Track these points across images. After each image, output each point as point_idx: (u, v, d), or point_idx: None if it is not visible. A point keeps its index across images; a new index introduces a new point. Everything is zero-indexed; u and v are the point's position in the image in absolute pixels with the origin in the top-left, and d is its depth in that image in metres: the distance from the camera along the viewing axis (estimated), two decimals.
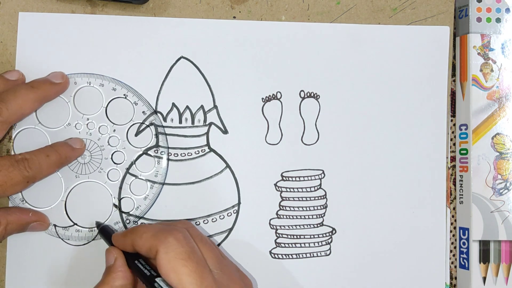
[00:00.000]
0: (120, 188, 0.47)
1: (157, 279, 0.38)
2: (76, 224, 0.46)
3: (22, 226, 0.44)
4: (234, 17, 0.49)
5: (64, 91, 0.46)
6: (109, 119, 0.47)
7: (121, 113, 0.47)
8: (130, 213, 0.47)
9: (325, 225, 0.49)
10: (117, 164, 0.47)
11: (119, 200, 0.47)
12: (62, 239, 0.46)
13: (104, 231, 0.45)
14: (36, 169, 0.42)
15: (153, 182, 0.47)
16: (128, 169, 0.47)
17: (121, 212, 0.47)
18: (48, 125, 0.46)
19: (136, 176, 0.47)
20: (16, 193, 0.44)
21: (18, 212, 0.44)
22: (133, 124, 0.47)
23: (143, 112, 0.47)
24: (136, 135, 0.47)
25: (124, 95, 0.47)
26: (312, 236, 0.49)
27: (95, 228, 0.46)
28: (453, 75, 0.51)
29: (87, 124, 0.47)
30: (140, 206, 0.47)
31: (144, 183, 0.47)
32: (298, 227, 0.49)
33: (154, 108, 0.47)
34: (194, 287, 0.37)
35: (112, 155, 0.47)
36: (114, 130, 0.47)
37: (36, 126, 0.46)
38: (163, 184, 0.47)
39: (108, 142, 0.47)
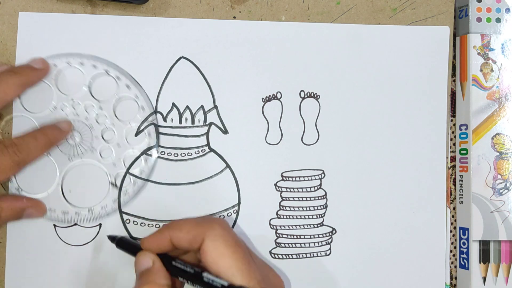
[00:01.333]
0: (121, 188, 0.47)
1: (204, 274, 0.38)
2: (74, 206, 0.46)
3: (16, 212, 0.44)
4: (234, 17, 0.49)
5: (45, 76, 0.46)
6: (93, 97, 0.47)
7: (104, 89, 0.47)
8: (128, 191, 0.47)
9: (325, 225, 0.49)
10: (107, 141, 0.47)
11: (115, 177, 0.47)
12: (62, 239, 0.46)
13: (122, 243, 0.44)
14: (25, 153, 0.42)
15: (148, 155, 0.47)
16: (128, 169, 0.47)
17: (120, 212, 0.47)
18: (34, 111, 0.46)
19: (136, 176, 0.47)
20: (9, 177, 0.45)
21: (11, 198, 0.45)
22: (118, 98, 0.47)
23: (127, 85, 0.47)
24: (136, 135, 0.47)
25: (104, 70, 0.47)
26: (312, 236, 0.49)
27: (92, 209, 0.46)
28: (453, 75, 0.51)
29: (72, 105, 0.47)
30: (136, 182, 0.47)
31: (139, 159, 0.47)
32: (298, 227, 0.49)
33: (154, 108, 0.47)
34: (243, 273, 0.37)
35: (102, 132, 0.47)
36: (101, 108, 0.47)
37: (22, 114, 0.46)
38: (157, 158, 0.47)
39: (96, 120, 0.47)
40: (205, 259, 0.38)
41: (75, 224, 0.46)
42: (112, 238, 0.45)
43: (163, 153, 0.47)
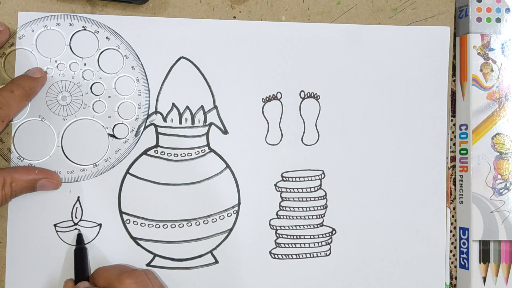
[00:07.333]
0: (120, 189, 0.47)
1: None
2: (79, 164, 0.47)
3: (29, 183, 0.44)
4: (234, 17, 0.49)
5: (44, 83, 0.46)
6: (76, 55, 0.47)
7: (85, 45, 0.47)
8: (127, 138, 0.47)
9: (325, 225, 0.49)
10: (98, 95, 0.47)
11: (112, 128, 0.47)
12: (62, 240, 0.46)
13: (79, 253, 0.46)
14: (5, 107, 0.42)
15: (139, 106, 0.47)
16: (128, 169, 0.47)
17: (120, 212, 0.47)
18: None
19: (136, 176, 0.47)
20: None
21: (23, 169, 0.45)
22: (100, 51, 0.47)
23: (107, 37, 0.47)
24: (136, 135, 0.47)
25: (82, 26, 0.47)
26: (312, 237, 0.49)
27: (97, 164, 0.47)
28: (453, 75, 0.51)
29: (57, 66, 0.47)
30: (134, 128, 0.47)
31: (132, 106, 0.47)
32: (298, 227, 0.49)
33: (154, 108, 0.47)
34: None
35: (91, 87, 0.47)
36: (85, 64, 0.47)
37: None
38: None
39: (82, 76, 0.47)
40: None
41: (76, 224, 0.46)
42: (79, 240, 0.46)
43: (163, 153, 0.47)
